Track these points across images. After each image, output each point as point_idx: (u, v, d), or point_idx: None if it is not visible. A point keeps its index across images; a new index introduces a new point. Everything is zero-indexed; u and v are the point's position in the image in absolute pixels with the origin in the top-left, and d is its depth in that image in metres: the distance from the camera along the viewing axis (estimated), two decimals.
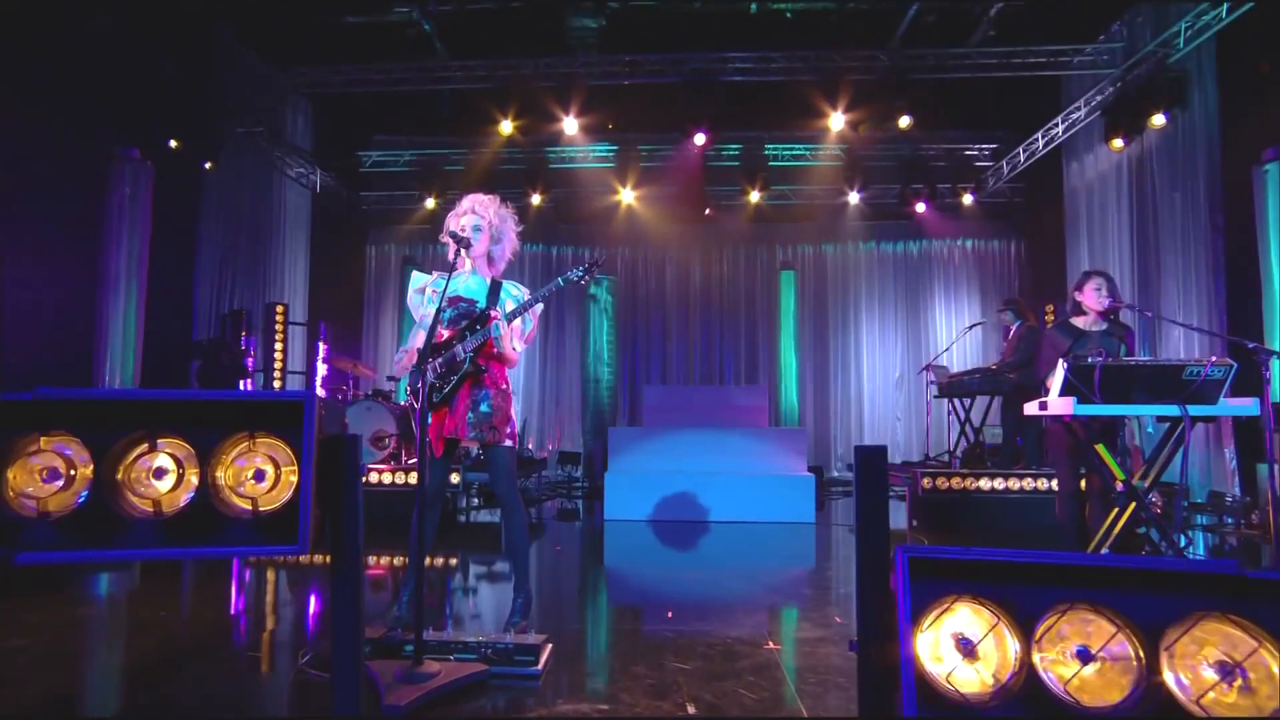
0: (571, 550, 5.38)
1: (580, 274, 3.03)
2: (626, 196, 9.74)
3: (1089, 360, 3.44)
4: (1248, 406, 3.39)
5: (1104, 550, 3.53)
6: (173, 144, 6.83)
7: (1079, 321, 4.04)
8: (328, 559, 1.56)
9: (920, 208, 9.69)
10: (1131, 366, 3.40)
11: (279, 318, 8.57)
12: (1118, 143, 7.66)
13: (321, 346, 8.76)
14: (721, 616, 3.38)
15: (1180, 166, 7.29)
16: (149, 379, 6.45)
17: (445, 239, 3.28)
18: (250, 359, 8.10)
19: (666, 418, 7.22)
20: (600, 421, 9.31)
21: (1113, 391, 3.41)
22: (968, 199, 9.57)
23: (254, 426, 1.46)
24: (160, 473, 1.46)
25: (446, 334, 3.20)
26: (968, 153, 9.74)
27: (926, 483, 5.96)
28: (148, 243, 6.39)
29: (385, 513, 6.38)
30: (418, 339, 3.22)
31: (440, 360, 3.14)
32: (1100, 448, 3.58)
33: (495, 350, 3.11)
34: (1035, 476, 5.97)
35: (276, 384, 8.37)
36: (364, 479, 6.25)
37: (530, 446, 9.76)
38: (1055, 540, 5.63)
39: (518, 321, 3.13)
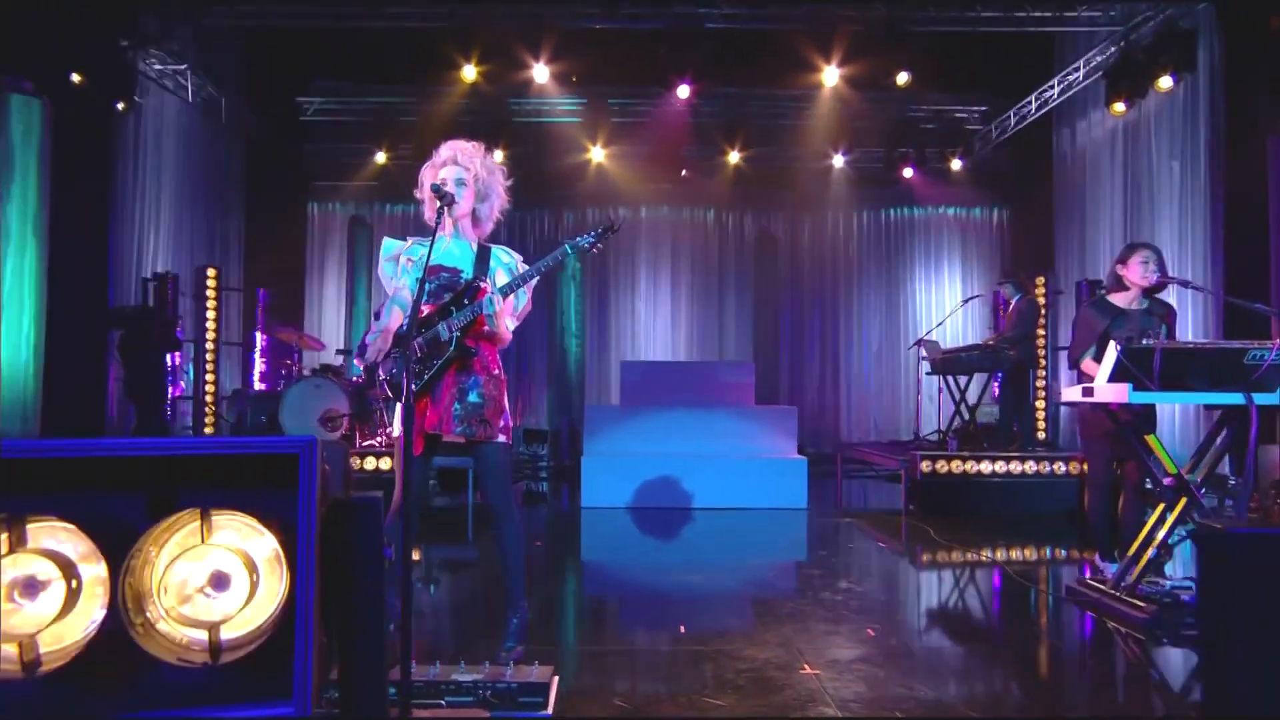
0: (552, 544, 5.02)
1: (591, 240, 2.61)
2: (597, 154, 9.21)
3: (1145, 342, 3.19)
4: None
5: (1149, 553, 3.33)
6: (75, 79, 6.04)
7: (1117, 299, 3.79)
8: None
9: (908, 173, 9.42)
10: (1191, 349, 3.16)
11: (210, 283, 7.85)
12: (1119, 107, 7.47)
13: (260, 315, 8.08)
14: (741, 630, 3.07)
15: (1181, 133, 7.15)
16: (56, 355, 5.76)
17: (422, 195, 2.82)
18: (180, 329, 7.41)
19: (646, 396, 6.85)
20: (568, 398, 8.90)
21: (1169, 377, 3.17)
22: (956, 164, 9.33)
23: (207, 496, 0.91)
24: (31, 588, 0.88)
25: (426, 310, 2.75)
26: (957, 115, 9.48)
27: (925, 466, 5.75)
28: (47, 195, 5.62)
29: None
30: (393, 318, 2.76)
31: (420, 341, 2.69)
32: (1152, 438, 3.35)
33: (486, 329, 2.68)
34: (1039, 460, 5.82)
35: (209, 357, 7.69)
36: None
37: None
38: (1069, 529, 5.52)
39: (511, 296, 2.69)
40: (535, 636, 2.75)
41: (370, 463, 5.80)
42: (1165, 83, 6.93)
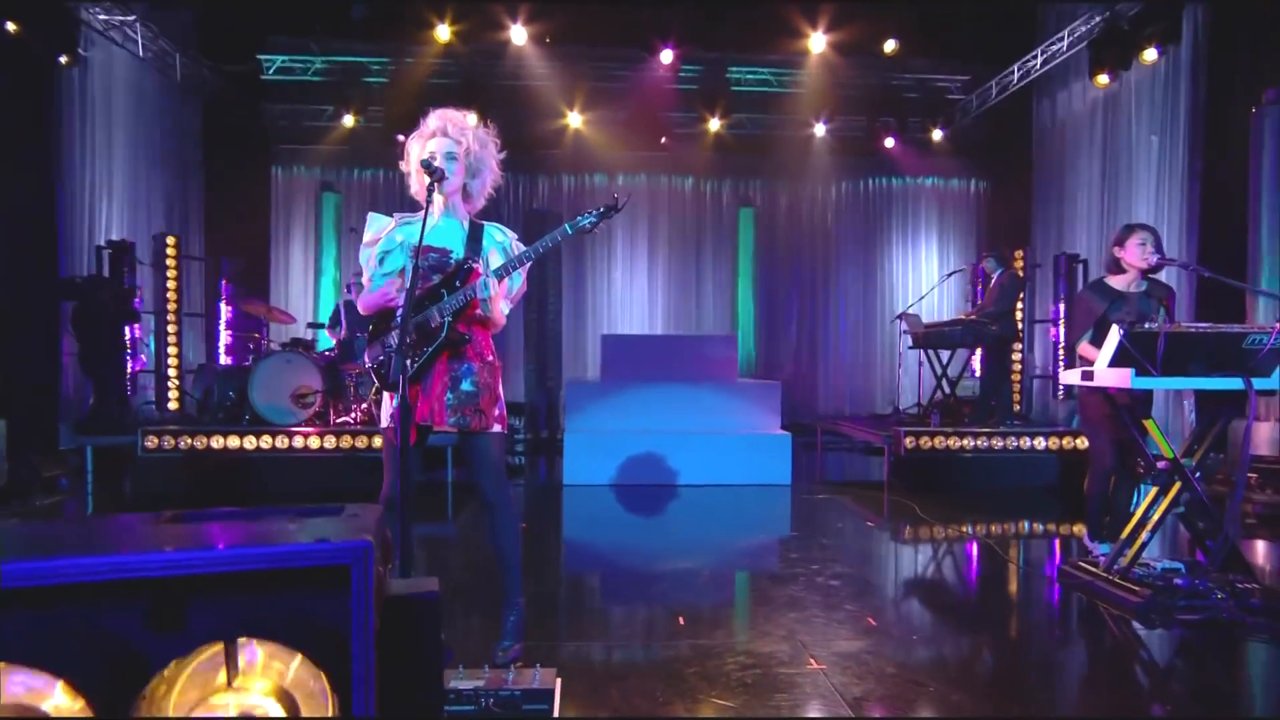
0: (538, 525, 4.90)
1: (593, 219, 2.44)
2: (574, 120, 8.92)
3: (1147, 326, 3.14)
4: None
5: (1144, 535, 3.32)
6: (10, 27, 5.59)
7: (1115, 281, 3.74)
8: None
9: (889, 143, 9.30)
10: (1193, 334, 3.12)
11: (170, 251, 7.48)
12: (1103, 79, 7.40)
13: (223, 285, 7.72)
14: (740, 620, 3.00)
15: (1162, 107, 7.11)
16: (4, 329, 5.43)
17: (408, 168, 2.63)
18: (139, 299, 7.04)
19: (628, 370, 6.72)
20: (544, 369, 8.73)
21: (1169, 362, 3.14)
22: (937, 135, 9.23)
23: (227, 610, 0.70)
24: None
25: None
26: (939, 84, 9.35)
27: (909, 442, 5.74)
28: None
29: (312, 484, 5.73)
30: (378, 295, 2.56)
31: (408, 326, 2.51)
32: (1150, 422, 3.33)
33: (479, 313, 2.51)
34: (1019, 435, 5.85)
35: (171, 330, 7.35)
36: (288, 444, 5.55)
37: None
38: (1049, 503, 5.57)
39: (506, 278, 2.52)
40: (530, 631, 2.64)
41: (346, 441, 5.62)
42: (1150, 55, 6.87)
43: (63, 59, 6.23)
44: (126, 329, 6.85)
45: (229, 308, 7.75)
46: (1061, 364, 7.52)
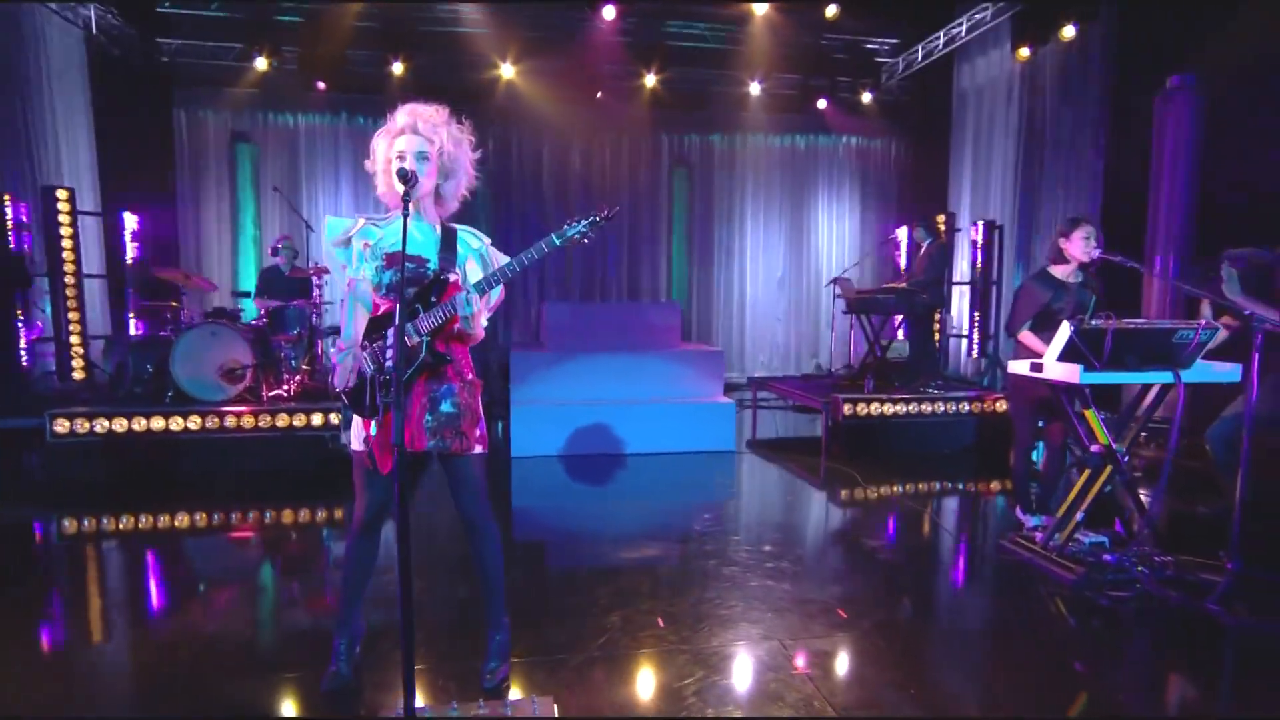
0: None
1: (581, 230, 2.23)
2: (506, 71, 8.37)
3: (1094, 323, 3.22)
4: (1229, 372, 3.36)
5: (1078, 515, 3.50)
6: None
7: (1058, 271, 3.83)
8: None
9: (822, 104, 9.21)
10: (1133, 330, 3.23)
11: (62, 206, 6.64)
12: (1024, 51, 7.51)
13: (132, 246, 6.95)
14: (718, 616, 2.99)
15: (1074, 82, 7.27)
16: None
17: (374, 168, 2.34)
18: (29, 261, 6.26)
19: (572, 339, 6.53)
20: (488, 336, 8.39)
21: (1110, 356, 3.25)
22: (866, 97, 9.21)
23: None
24: None
25: (384, 306, 2.32)
26: (868, 46, 9.28)
27: (847, 409, 5.86)
28: None
29: (246, 466, 5.34)
30: (358, 324, 2.31)
31: (382, 345, 2.27)
32: (1089, 412, 3.45)
33: (458, 328, 2.30)
34: (946, 401, 6.06)
35: (69, 294, 6.58)
36: (219, 423, 5.13)
37: None
38: (970, 464, 5.84)
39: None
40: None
41: (284, 420, 5.24)
42: (1069, 31, 6.99)
43: None
44: (17, 296, 6.10)
45: (134, 267, 7.01)
46: (976, 328, 7.84)
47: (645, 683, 2.48)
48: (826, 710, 2.30)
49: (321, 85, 7.67)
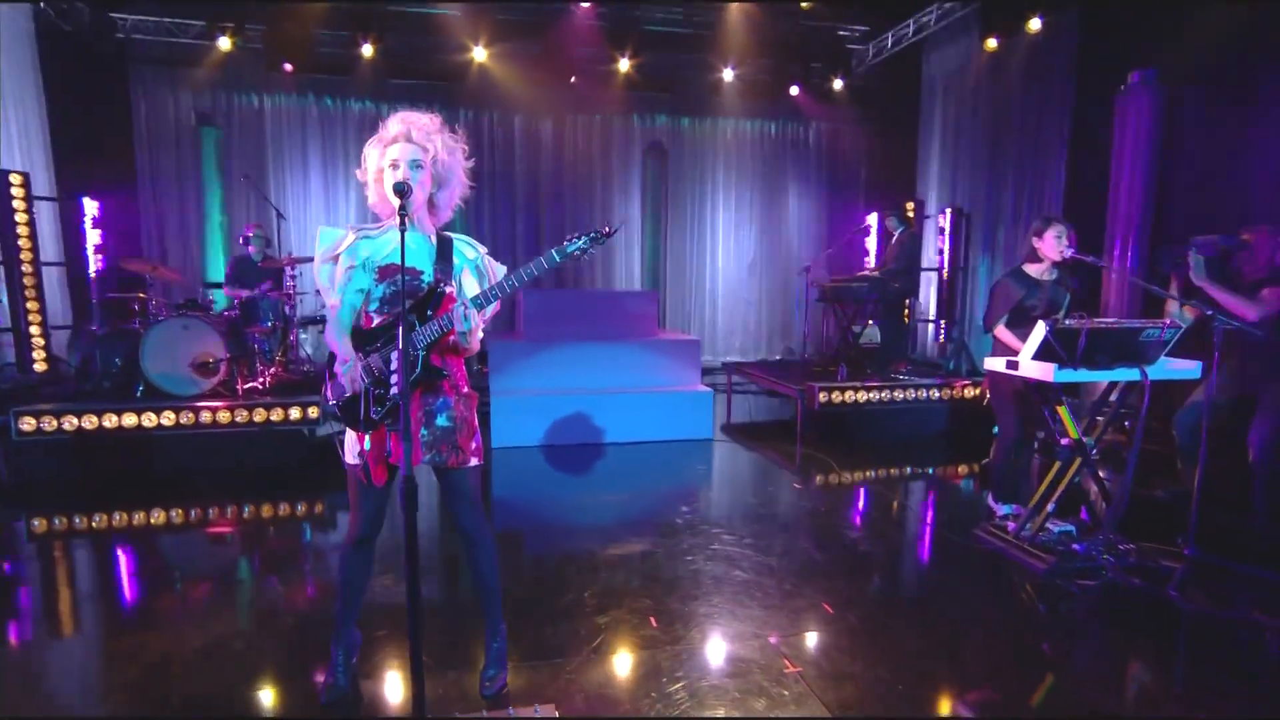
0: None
1: (583, 245, 2.19)
2: (479, 54, 8.17)
3: (1068, 323, 3.29)
4: (1190, 370, 3.47)
5: (1050, 505, 3.60)
6: None
7: (1032, 269, 3.90)
8: None
9: (794, 90, 9.18)
10: (1104, 330, 3.31)
11: (16, 191, 6.33)
12: (992, 42, 7.55)
13: (95, 233, 6.66)
14: (708, 613, 3.02)
15: (1040, 73, 7.34)
16: None
17: (364, 177, 2.27)
18: None
19: (549, 327, 6.47)
20: None
21: (1085, 356, 3.33)
22: (838, 84, 9.20)
23: None
24: None
25: (378, 320, 2.27)
26: (840, 33, 9.24)
27: (823, 397, 5.93)
28: None
29: (222, 462, 5.22)
30: (348, 343, 2.24)
31: (377, 359, 2.22)
32: (1062, 409, 3.55)
33: (452, 341, 2.25)
34: (918, 388, 6.16)
35: (27, 282, 6.30)
36: (194, 419, 4.99)
37: None
38: (938, 449, 5.97)
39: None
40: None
41: (260, 414, 5.12)
42: (1035, 24, 7.04)
43: None
44: None
45: (99, 257, 6.73)
46: (934, 309, 7.98)
47: (641, 684, 2.50)
48: (821, 711, 2.35)
49: (289, 67, 7.39)
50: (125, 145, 7.59)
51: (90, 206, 6.93)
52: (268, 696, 2.46)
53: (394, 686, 2.51)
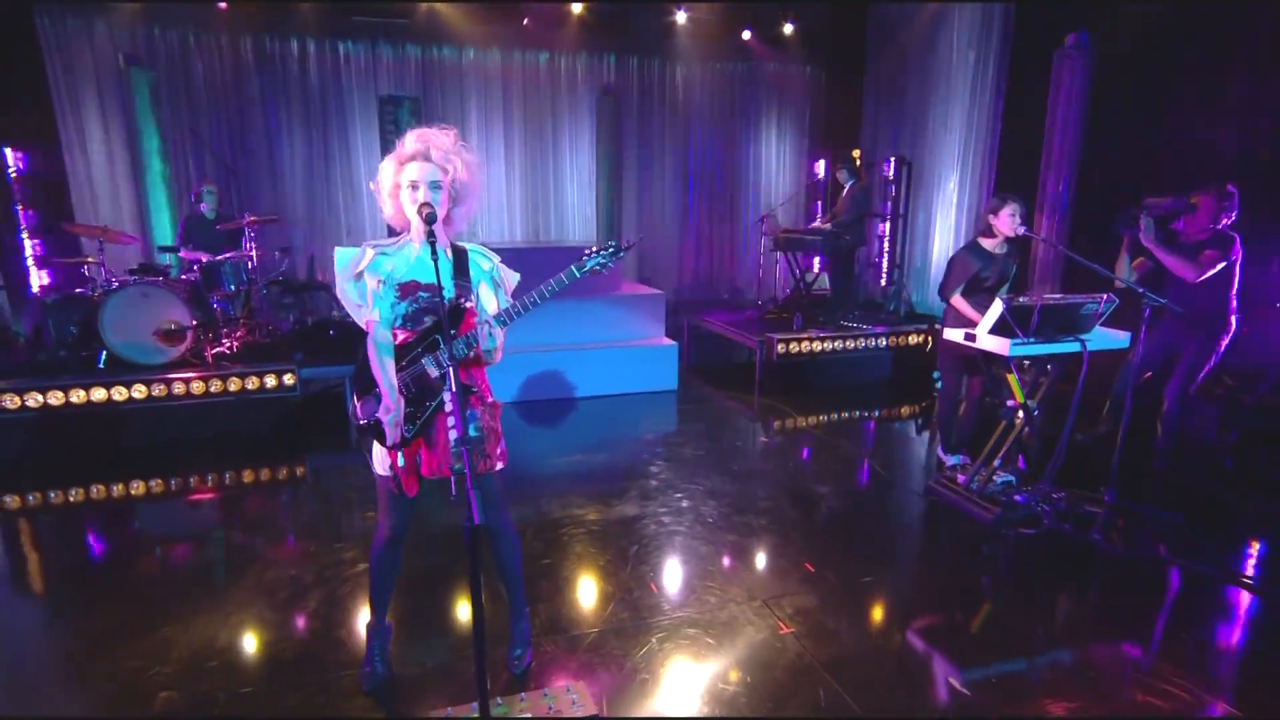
0: None
1: (601, 260, 2.21)
2: None
3: (1021, 300, 3.50)
4: (1121, 340, 3.76)
5: (996, 462, 3.91)
6: None
7: (987, 243, 4.08)
8: None
9: (746, 35, 8.95)
10: (1052, 306, 3.53)
11: None
12: None
13: (17, 185, 6.06)
14: (701, 580, 3.22)
15: (981, 26, 7.35)
16: None
17: (380, 191, 2.20)
18: None
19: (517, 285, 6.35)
20: None
21: (1037, 329, 3.56)
22: (788, 28, 9.01)
23: None
24: None
25: (401, 336, 2.25)
26: None
27: (781, 348, 6.12)
28: None
29: (197, 432, 5.06)
30: (390, 366, 2.21)
31: (406, 378, 2.21)
32: (1011, 376, 3.80)
33: (475, 354, 2.26)
34: (868, 337, 6.42)
35: None
36: (165, 391, 4.80)
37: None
38: (885, 393, 6.29)
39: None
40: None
41: (235, 383, 4.95)
42: None
43: None
44: None
45: (27, 212, 6.16)
46: (886, 257, 8.20)
47: (653, 655, 2.68)
48: (821, 675, 2.59)
49: (224, 5, 6.73)
50: (36, 79, 6.66)
51: (11, 158, 6.28)
52: (312, 690, 2.53)
53: (426, 673, 2.62)
